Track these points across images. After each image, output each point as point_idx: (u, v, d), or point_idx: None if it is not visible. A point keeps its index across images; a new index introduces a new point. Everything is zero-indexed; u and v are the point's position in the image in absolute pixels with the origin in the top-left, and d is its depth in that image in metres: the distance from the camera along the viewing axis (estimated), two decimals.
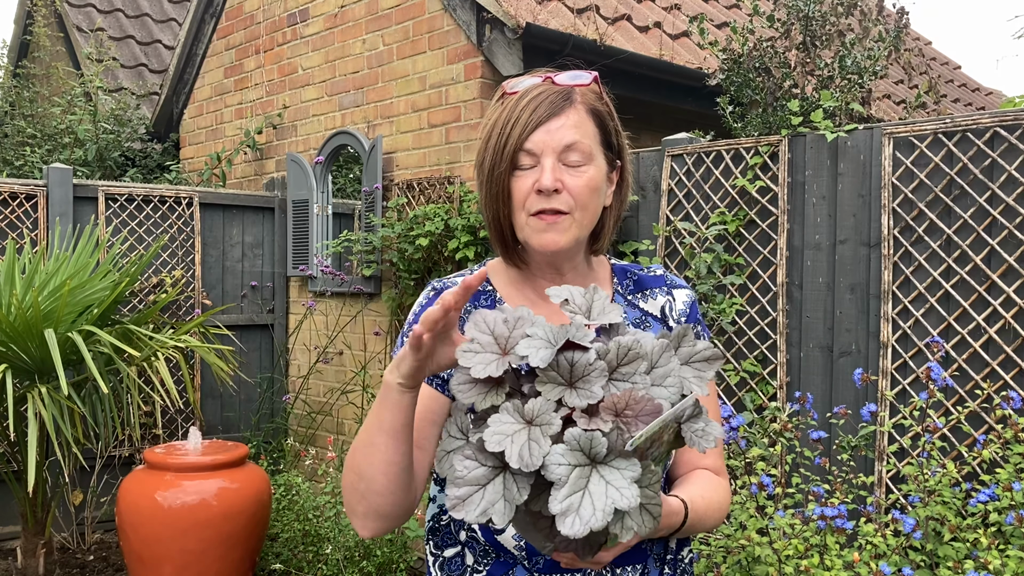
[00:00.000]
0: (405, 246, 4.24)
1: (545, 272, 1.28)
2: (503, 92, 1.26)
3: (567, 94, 1.21)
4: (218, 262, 5.29)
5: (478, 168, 1.25)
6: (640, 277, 1.36)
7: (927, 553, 2.36)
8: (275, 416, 5.35)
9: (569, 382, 0.93)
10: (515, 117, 1.19)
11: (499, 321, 0.98)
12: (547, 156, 1.18)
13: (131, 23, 7.76)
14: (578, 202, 1.19)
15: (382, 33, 4.77)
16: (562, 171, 1.18)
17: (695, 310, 1.36)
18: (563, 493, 0.86)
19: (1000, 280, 2.75)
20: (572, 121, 1.19)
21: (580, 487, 0.86)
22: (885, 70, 3.93)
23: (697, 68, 4.56)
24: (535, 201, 1.18)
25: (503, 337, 0.97)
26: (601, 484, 0.87)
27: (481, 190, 1.25)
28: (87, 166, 6.29)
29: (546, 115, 1.18)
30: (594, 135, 1.22)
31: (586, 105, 1.22)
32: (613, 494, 0.86)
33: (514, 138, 1.18)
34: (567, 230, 1.20)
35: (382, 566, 3.84)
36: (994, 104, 8.50)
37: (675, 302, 1.34)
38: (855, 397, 3.03)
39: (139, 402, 3.92)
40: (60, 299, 3.53)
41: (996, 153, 2.77)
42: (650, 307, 1.33)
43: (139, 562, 3.74)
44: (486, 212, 1.25)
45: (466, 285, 1.01)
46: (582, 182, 1.19)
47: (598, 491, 0.86)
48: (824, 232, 3.15)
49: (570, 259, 1.27)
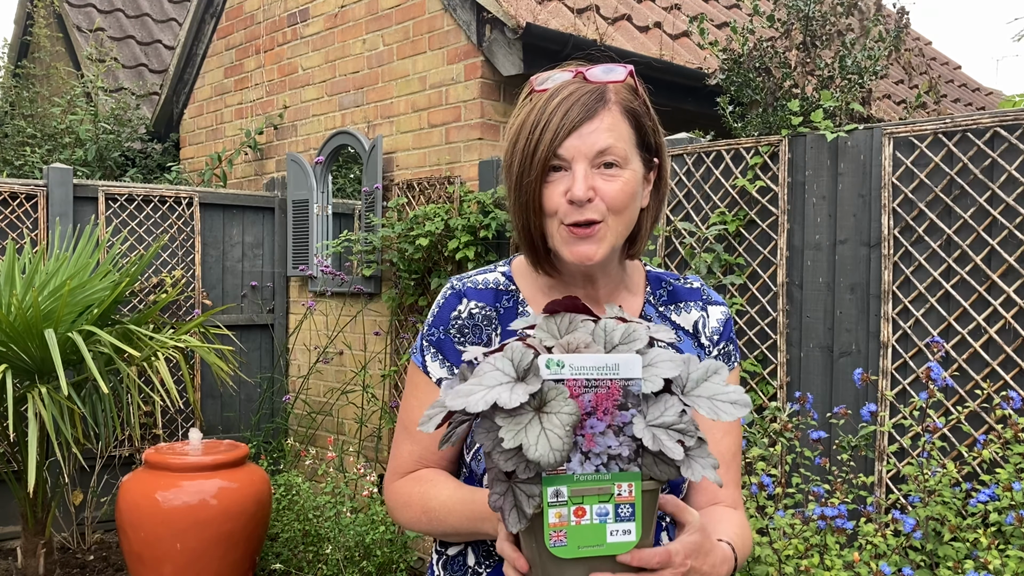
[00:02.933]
0: (405, 246, 4.24)
1: (576, 279, 1.23)
2: (531, 89, 1.19)
3: (600, 93, 1.14)
4: (218, 262, 5.29)
5: (506, 172, 1.19)
6: (675, 288, 1.30)
7: (927, 553, 2.36)
8: (275, 416, 5.35)
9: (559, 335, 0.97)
10: (545, 120, 1.12)
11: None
12: (579, 163, 1.11)
13: (131, 23, 7.76)
14: (612, 209, 1.13)
15: (382, 33, 4.77)
16: (595, 177, 1.12)
17: (729, 328, 1.30)
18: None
19: (1000, 280, 2.75)
20: (606, 124, 1.12)
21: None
22: (885, 70, 3.93)
23: (697, 68, 4.56)
24: (567, 211, 1.12)
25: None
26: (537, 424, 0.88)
27: (509, 195, 1.19)
28: (87, 166, 6.29)
29: (579, 119, 1.11)
30: (629, 137, 1.15)
31: (621, 104, 1.15)
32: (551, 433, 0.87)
33: (544, 144, 1.11)
34: (602, 240, 1.14)
35: (382, 566, 3.84)
36: (994, 104, 8.49)
37: (708, 319, 1.29)
38: (855, 397, 3.03)
39: (139, 402, 3.92)
40: (60, 299, 3.53)
41: (996, 153, 2.76)
42: (683, 321, 1.28)
43: (139, 562, 3.74)
44: (515, 220, 1.19)
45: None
46: (616, 187, 1.13)
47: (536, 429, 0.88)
48: (824, 232, 3.15)
49: (603, 266, 1.22)
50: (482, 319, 1.24)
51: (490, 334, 1.24)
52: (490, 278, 1.27)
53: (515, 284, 1.26)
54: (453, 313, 1.24)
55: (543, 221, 1.15)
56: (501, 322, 1.25)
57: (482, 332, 1.24)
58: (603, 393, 0.89)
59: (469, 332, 1.24)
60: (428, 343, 1.25)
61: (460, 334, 1.23)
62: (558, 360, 0.88)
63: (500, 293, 1.26)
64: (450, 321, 1.24)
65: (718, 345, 1.29)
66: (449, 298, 1.26)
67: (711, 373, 0.95)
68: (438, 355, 1.24)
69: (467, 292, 1.25)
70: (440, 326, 1.25)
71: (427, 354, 1.25)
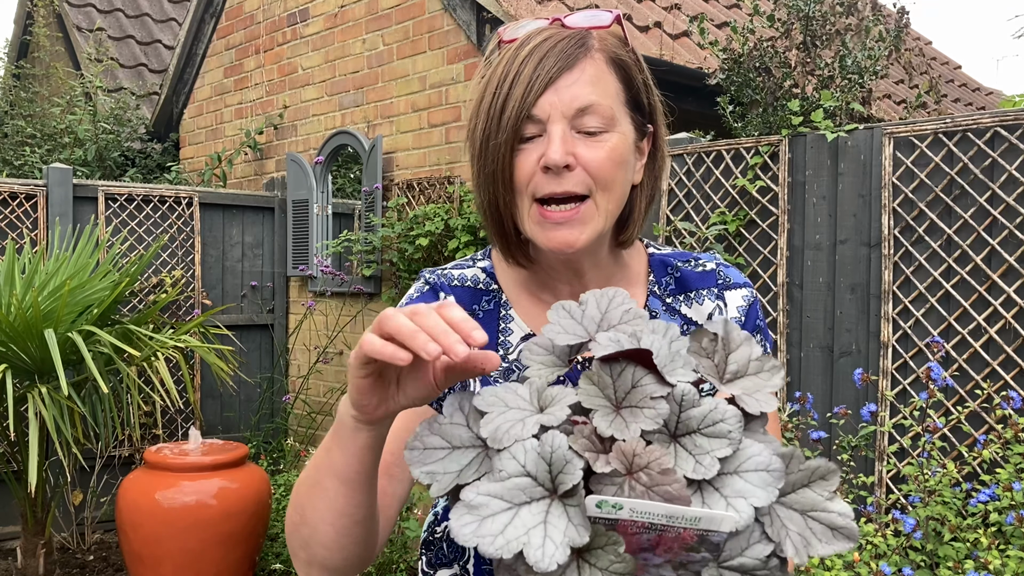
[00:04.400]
0: (405, 246, 4.24)
1: (560, 272, 1.02)
2: (499, 40, 0.98)
3: (581, 40, 0.93)
4: (218, 262, 5.28)
5: (469, 138, 0.98)
6: (683, 274, 1.07)
7: (927, 553, 2.36)
8: (275, 416, 5.35)
9: (616, 403, 0.68)
10: (515, 72, 0.92)
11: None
12: (556, 122, 0.91)
13: (131, 23, 7.76)
14: (598, 181, 0.92)
15: (382, 33, 4.77)
16: (575, 141, 0.91)
17: (754, 314, 1.06)
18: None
19: (1000, 280, 2.75)
20: (588, 75, 0.92)
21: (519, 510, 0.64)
22: (885, 70, 3.93)
23: (697, 68, 4.56)
24: (542, 181, 0.92)
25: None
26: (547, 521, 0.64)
27: (473, 165, 0.98)
28: (87, 166, 6.29)
29: (556, 69, 0.91)
30: (616, 93, 0.95)
31: (606, 53, 0.95)
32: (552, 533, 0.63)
33: (515, 99, 0.91)
34: (587, 223, 0.93)
35: (382, 566, 3.83)
36: (994, 104, 8.49)
37: (727, 308, 1.05)
38: (855, 397, 3.03)
39: (139, 402, 3.92)
40: (60, 299, 3.53)
41: (996, 153, 2.76)
42: (694, 313, 1.05)
43: (139, 562, 3.74)
44: (479, 195, 0.98)
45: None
46: (602, 154, 0.92)
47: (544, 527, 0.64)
48: (824, 232, 3.15)
49: (592, 255, 1.00)
50: None
51: None
52: (468, 274, 1.06)
53: (497, 282, 1.05)
54: None
55: (514, 198, 0.94)
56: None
57: None
58: (670, 536, 0.65)
59: None
60: None
61: None
62: (615, 503, 0.63)
63: (479, 293, 1.04)
64: None
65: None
66: (425, 294, 1.04)
67: (816, 478, 0.67)
68: None
69: (443, 287, 1.04)
70: None
71: None
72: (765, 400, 0.68)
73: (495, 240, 1.00)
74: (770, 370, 0.71)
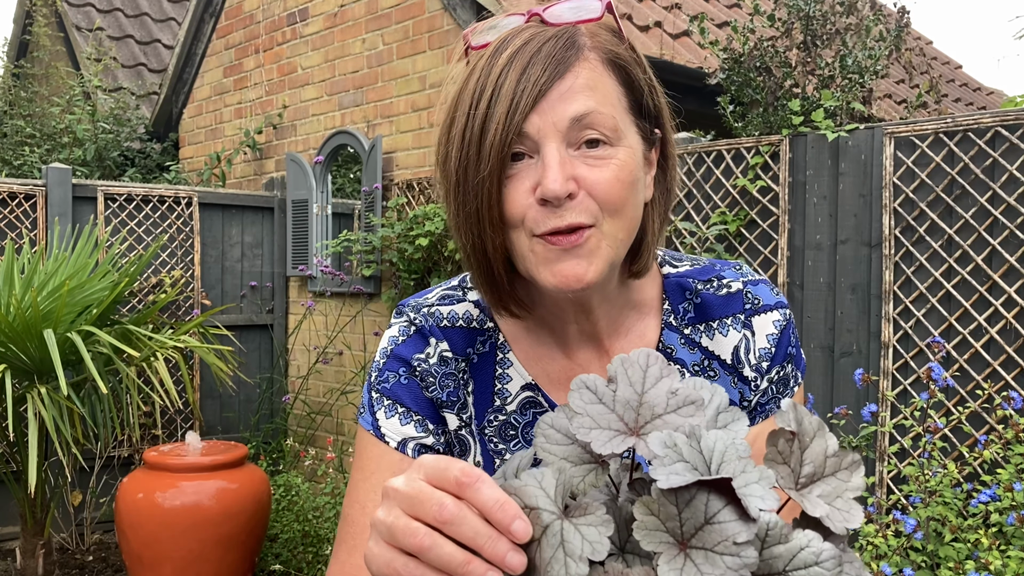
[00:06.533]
0: (405, 246, 4.24)
1: (566, 312, 0.88)
2: (467, 46, 0.82)
3: (570, 39, 0.78)
4: (217, 262, 5.28)
5: (441, 168, 0.84)
6: (704, 300, 0.92)
7: (928, 554, 2.35)
8: (274, 416, 5.35)
9: (682, 540, 0.51)
10: (494, 87, 0.76)
11: None
12: (549, 141, 0.76)
13: (130, 23, 7.75)
14: (606, 206, 0.77)
15: (382, 32, 4.76)
16: (574, 162, 0.77)
17: (787, 341, 0.92)
18: None
19: (1001, 280, 2.74)
20: (583, 80, 0.77)
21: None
22: (886, 70, 3.92)
23: (698, 67, 4.55)
24: (539, 216, 0.76)
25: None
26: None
27: (449, 202, 0.81)
28: (86, 166, 6.29)
29: (545, 80, 0.75)
30: (618, 99, 0.80)
31: (601, 53, 0.79)
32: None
33: (497, 123, 0.75)
34: (594, 253, 0.78)
35: None
36: (995, 104, 8.49)
37: (754, 339, 0.91)
38: (856, 397, 3.03)
39: (138, 402, 3.91)
40: (59, 299, 3.53)
41: (997, 153, 2.76)
42: (717, 347, 0.91)
43: (138, 563, 3.73)
44: (462, 239, 0.81)
45: None
46: (608, 175, 0.77)
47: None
48: (825, 232, 3.14)
49: (601, 290, 0.86)
50: (456, 370, 0.89)
51: (462, 396, 0.90)
52: (459, 311, 0.91)
53: (491, 318, 0.91)
54: (417, 355, 0.89)
55: (505, 239, 0.79)
56: (474, 375, 0.90)
57: (453, 390, 0.89)
58: None
59: (435, 384, 0.89)
60: (380, 393, 0.89)
61: (423, 381, 0.89)
62: None
63: (473, 333, 0.90)
64: (412, 362, 0.89)
65: (768, 373, 0.91)
66: (413, 337, 0.90)
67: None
68: (396, 407, 0.89)
69: (432, 331, 0.90)
70: (399, 369, 0.90)
71: (379, 409, 0.89)
72: (852, 512, 0.54)
73: (483, 289, 0.85)
74: (849, 467, 0.57)
